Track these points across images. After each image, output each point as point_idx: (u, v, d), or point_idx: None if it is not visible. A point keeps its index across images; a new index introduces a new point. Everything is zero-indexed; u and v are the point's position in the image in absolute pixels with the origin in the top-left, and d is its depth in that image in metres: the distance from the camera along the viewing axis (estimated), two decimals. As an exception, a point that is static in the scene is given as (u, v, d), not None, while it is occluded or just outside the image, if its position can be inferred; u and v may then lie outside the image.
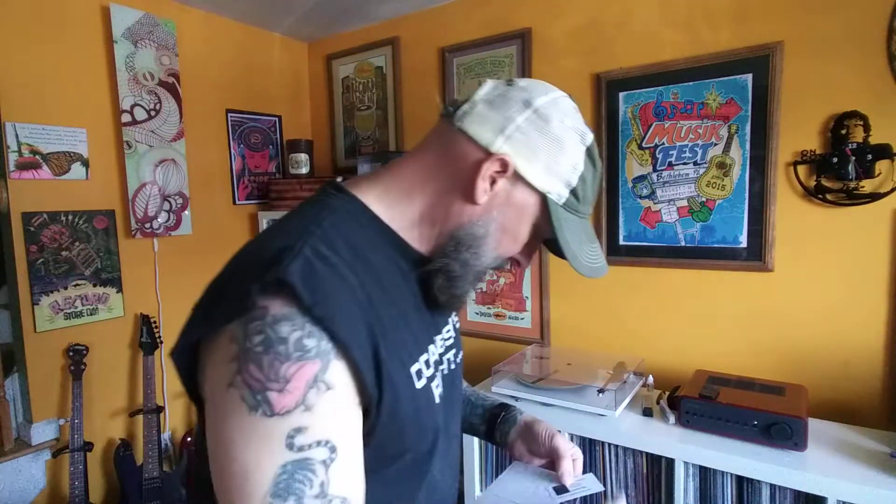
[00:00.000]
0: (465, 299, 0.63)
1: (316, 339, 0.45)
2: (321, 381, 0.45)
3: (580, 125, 0.60)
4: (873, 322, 1.45)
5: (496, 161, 0.56)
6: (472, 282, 0.61)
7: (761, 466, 1.23)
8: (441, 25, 2.15)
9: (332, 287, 0.48)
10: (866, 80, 1.40)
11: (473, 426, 0.88)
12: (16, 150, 1.68)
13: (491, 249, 0.60)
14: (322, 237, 0.51)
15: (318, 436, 0.44)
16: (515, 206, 0.59)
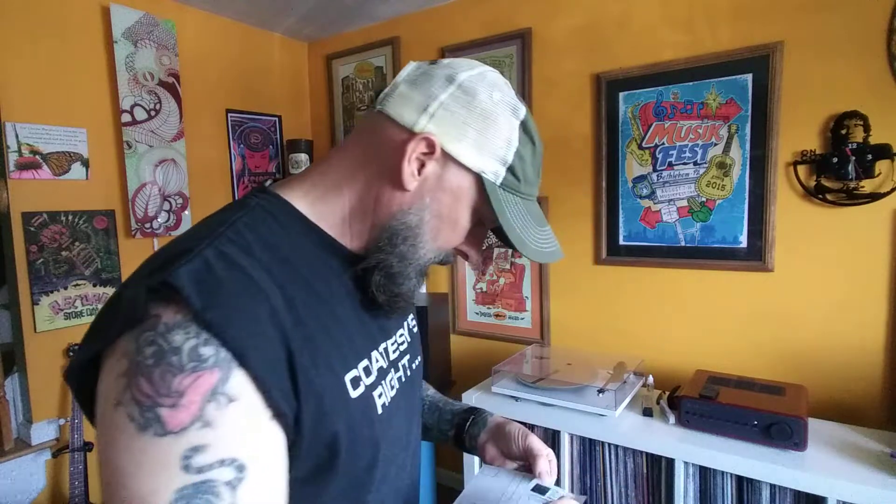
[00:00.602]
0: (409, 298, 0.58)
1: (213, 347, 0.41)
2: (221, 393, 0.40)
3: (511, 98, 0.55)
4: (873, 322, 1.45)
5: (421, 141, 0.52)
6: (414, 277, 0.57)
7: (761, 466, 1.23)
8: (441, 25, 2.15)
9: (233, 290, 0.44)
10: (866, 80, 1.40)
11: (442, 432, 0.83)
12: (16, 150, 1.68)
13: (429, 240, 0.55)
14: (232, 238, 0.48)
15: (221, 454, 0.40)
16: (449, 190, 0.54)
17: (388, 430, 0.56)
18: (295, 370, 0.45)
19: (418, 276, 0.58)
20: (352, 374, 0.52)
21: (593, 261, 1.86)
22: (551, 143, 1.93)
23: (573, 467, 1.53)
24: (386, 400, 0.57)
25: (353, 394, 0.51)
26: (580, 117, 1.86)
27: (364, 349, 0.55)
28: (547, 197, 1.94)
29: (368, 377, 0.54)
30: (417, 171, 0.53)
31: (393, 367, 0.61)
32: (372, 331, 0.58)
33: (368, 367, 0.55)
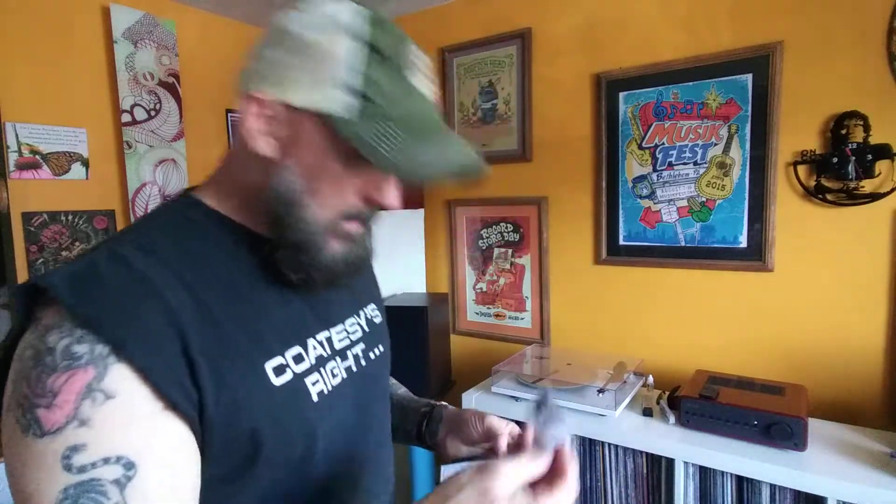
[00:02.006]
0: (334, 268, 0.55)
1: (88, 344, 0.40)
2: (97, 390, 0.40)
3: (344, 19, 0.48)
4: (873, 322, 1.45)
5: (247, 102, 0.50)
6: (328, 244, 0.53)
7: (761, 466, 1.23)
8: (441, 25, 2.15)
9: (115, 287, 0.43)
10: (866, 80, 1.40)
11: (407, 432, 0.81)
12: (16, 150, 1.68)
13: (315, 205, 0.52)
14: (132, 240, 0.48)
15: (104, 452, 0.39)
16: (306, 143, 0.50)
17: (329, 419, 0.55)
18: (195, 362, 0.44)
19: (334, 241, 0.54)
20: (274, 363, 0.51)
21: (593, 261, 1.86)
22: (551, 144, 1.93)
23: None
24: (325, 388, 0.55)
25: (277, 381, 0.51)
26: (580, 117, 1.86)
27: (293, 337, 0.55)
28: (547, 197, 1.95)
29: (299, 364, 0.54)
30: (264, 132, 0.50)
31: (338, 355, 0.60)
32: (306, 319, 0.57)
33: (301, 354, 0.54)
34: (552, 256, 1.96)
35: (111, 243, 0.48)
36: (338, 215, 0.53)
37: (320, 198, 0.52)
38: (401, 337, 1.85)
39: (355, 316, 0.66)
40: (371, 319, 0.70)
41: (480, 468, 0.46)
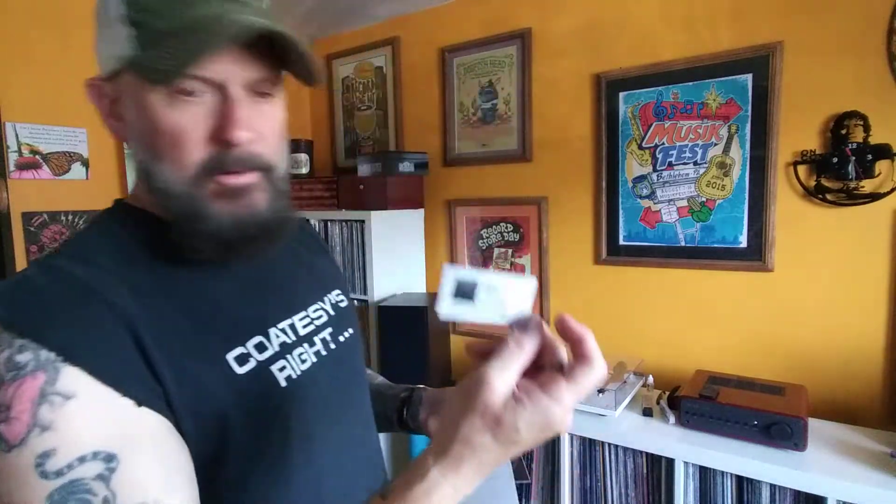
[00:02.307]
0: (224, 239, 0.51)
1: (30, 351, 0.40)
2: (52, 393, 0.39)
3: None
4: (873, 322, 1.45)
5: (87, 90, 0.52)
6: (205, 216, 0.50)
7: (761, 466, 1.23)
8: (441, 25, 2.15)
9: (53, 294, 0.44)
10: (866, 80, 1.40)
11: (387, 418, 0.81)
12: (16, 150, 1.68)
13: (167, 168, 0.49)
14: (66, 252, 0.49)
15: (78, 452, 0.39)
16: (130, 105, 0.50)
17: (301, 404, 0.56)
18: (150, 357, 0.45)
19: (218, 203, 0.50)
20: (235, 352, 0.52)
21: (593, 261, 1.86)
22: (551, 144, 1.93)
23: (573, 467, 1.53)
24: (293, 373, 0.56)
25: (240, 370, 0.51)
26: (580, 117, 1.86)
27: (254, 328, 0.55)
28: (547, 197, 1.94)
29: (263, 353, 0.54)
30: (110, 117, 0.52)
31: (305, 341, 0.60)
32: (265, 310, 0.58)
33: (263, 343, 0.55)
34: (552, 256, 1.96)
35: (43, 259, 0.48)
36: (195, 170, 0.49)
37: (168, 156, 0.49)
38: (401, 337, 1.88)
39: (319, 302, 0.66)
40: (336, 304, 0.70)
41: (462, 390, 0.42)
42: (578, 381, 0.41)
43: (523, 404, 0.40)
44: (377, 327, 1.97)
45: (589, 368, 0.42)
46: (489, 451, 0.41)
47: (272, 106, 0.54)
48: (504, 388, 0.41)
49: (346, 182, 2.11)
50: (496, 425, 0.40)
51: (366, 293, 2.03)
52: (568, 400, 0.41)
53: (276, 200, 0.55)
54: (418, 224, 2.22)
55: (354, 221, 2.03)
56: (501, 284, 0.45)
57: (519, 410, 0.40)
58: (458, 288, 0.45)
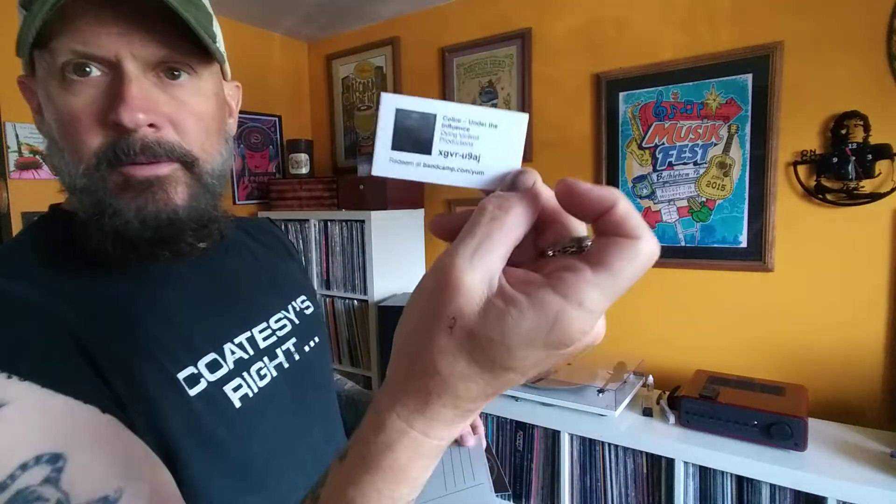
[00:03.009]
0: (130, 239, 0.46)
1: None
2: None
3: None
4: (873, 322, 1.45)
5: (18, 83, 0.52)
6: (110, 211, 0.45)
7: (761, 466, 1.23)
8: (441, 25, 2.15)
9: None
10: (866, 80, 1.40)
11: None
12: (16, 150, 1.68)
13: (66, 155, 0.46)
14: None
15: (18, 460, 0.36)
16: (38, 90, 0.48)
17: (260, 422, 0.52)
18: (98, 364, 0.42)
19: (123, 197, 0.46)
20: (186, 373, 0.48)
21: (593, 261, 1.86)
22: (551, 144, 1.93)
23: (573, 467, 1.53)
24: (249, 391, 0.52)
25: (192, 392, 0.47)
26: (580, 117, 1.86)
27: (207, 345, 0.51)
28: (547, 197, 1.94)
29: (215, 372, 0.50)
30: (34, 112, 0.50)
31: (265, 355, 0.57)
32: (221, 323, 0.54)
33: (217, 360, 0.51)
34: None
35: None
36: (93, 158, 0.45)
37: (66, 146, 0.45)
38: (401, 337, 1.87)
39: (283, 311, 0.63)
40: (301, 311, 0.66)
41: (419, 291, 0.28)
42: (610, 265, 0.24)
43: (516, 306, 0.25)
44: (377, 327, 1.97)
45: (628, 243, 0.25)
46: (468, 379, 0.26)
47: (189, 90, 0.49)
48: (480, 283, 0.26)
49: (346, 182, 2.12)
50: (471, 341, 0.25)
51: (366, 293, 2.03)
52: (593, 297, 0.24)
53: (199, 197, 0.50)
54: (418, 224, 2.22)
55: (354, 221, 2.03)
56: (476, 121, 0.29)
57: (510, 317, 0.25)
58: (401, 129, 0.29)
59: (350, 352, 2.15)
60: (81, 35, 0.43)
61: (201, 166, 0.50)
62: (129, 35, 0.44)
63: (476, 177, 0.30)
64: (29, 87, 0.50)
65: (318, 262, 2.15)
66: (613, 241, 0.25)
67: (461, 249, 0.26)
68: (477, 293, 0.26)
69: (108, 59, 0.44)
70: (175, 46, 0.46)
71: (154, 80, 0.46)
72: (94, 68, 0.44)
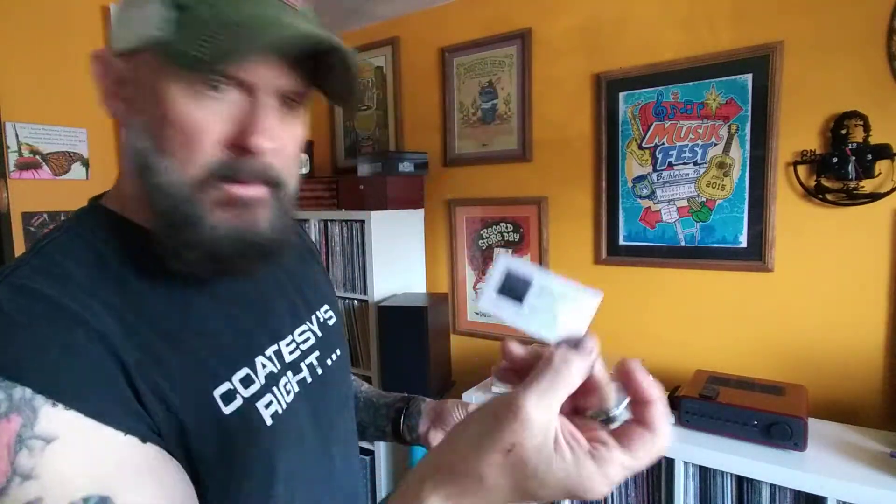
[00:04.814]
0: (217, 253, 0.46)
1: (4, 391, 0.35)
2: (31, 437, 0.35)
3: None
4: (873, 322, 1.45)
5: (92, 62, 0.46)
6: (199, 222, 0.44)
7: (761, 466, 1.23)
8: (441, 25, 2.15)
9: (28, 323, 0.38)
10: (866, 80, 1.40)
11: (379, 428, 0.76)
12: (16, 150, 1.68)
13: (170, 164, 0.44)
14: (37, 267, 0.42)
15: (66, 499, 0.34)
16: (144, 88, 0.44)
17: (286, 439, 0.51)
18: (136, 385, 0.41)
19: (217, 210, 0.45)
20: (223, 389, 0.46)
21: (593, 261, 1.86)
22: (551, 144, 1.93)
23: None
24: (279, 408, 0.50)
25: (227, 410, 0.46)
26: (580, 117, 1.86)
27: (241, 358, 0.50)
28: (547, 197, 1.94)
29: (249, 388, 0.49)
30: (114, 97, 0.47)
31: (290, 369, 0.55)
32: (252, 335, 0.53)
33: (250, 375, 0.49)
34: (552, 256, 1.96)
35: (9, 273, 0.41)
36: (204, 172, 0.44)
37: (176, 152, 0.44)
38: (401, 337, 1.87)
39: (307, 323, 0.61)
40: (325, 322, 0.65)
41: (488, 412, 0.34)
42: (634, 453, 0.33)
43: (564, 458, 0.31)
44: (377, 327, 1.97)
45: (652, 439, 0.33)
46: (500, 492, 0.32)
47: (296, 120, 0.50)
48: (543, 422, 0.32)
49: (346, 182, 2.12)
50: (520, 472, 0.31)
51: (366, 293, 2.03)
52: (615, 472, 0.32)
53: (280, 219, 0.50)
54: (418, 224, 2.22)
55: (354, 221, 2.03)
56: (560, 292, 0.38)
57: (555, 462, 0.31)
58: (507, 282, 0.38)
59: (350, 352, 2.15)
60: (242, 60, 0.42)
61: (286, 190, 0.50)
62: (278, 67, 0.45)
63: (550, 331, 0.38)
64: (111, 65, 0.46)
65: (318, 262, 2.15)
66: (640, 433, 0.34)
67: (533, 388, 0.32)
68: (540, 430, 0.32)
69: (247, 83, 0.44)
70: (305, 80, 0.48)
71: (278, 109, 0.47)
72: (229, 87, 0.44)
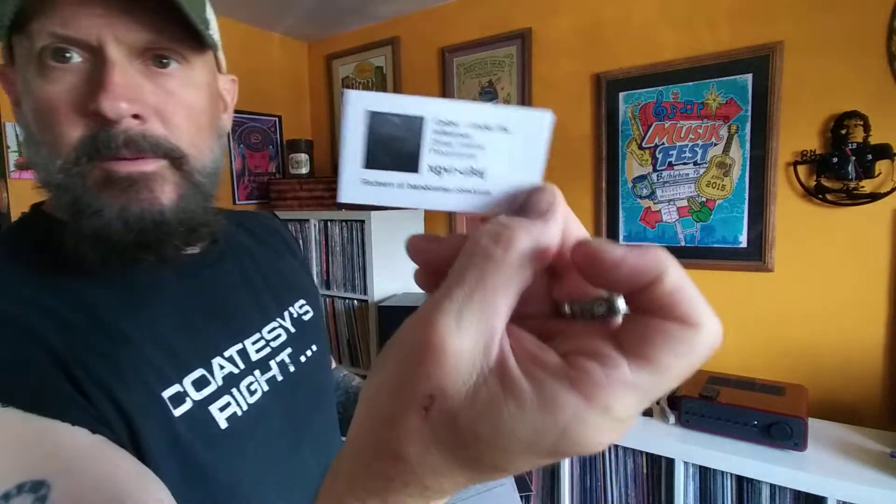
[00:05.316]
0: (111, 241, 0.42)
1: None
2: None
3: None
4: (873, 322, 1.45)
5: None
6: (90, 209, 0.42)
7: (761, 466, 1.23)
8: (441, 25, 2.15)
9: None
10: (866, 80, 1.40)
11: None
12: (16, 150, 1.68)
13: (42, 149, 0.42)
14: None
15: (2, 488, 0.33)
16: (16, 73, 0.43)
17: (247, 442, 0.49)
18: (81, 385, 0.39)
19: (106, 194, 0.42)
20: (171, 391, 0.44)
21: (593, 261, 1.86)
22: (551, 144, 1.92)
23: (573, 467, 1.53)
24: (238, 410, 0.48)
25: (176, 412, 0.44)
26: (580, 117, 1.86)
27: (195, 360, 0.47)
28: (547, 197, 1.94)
29: (202, 390, 0.46)
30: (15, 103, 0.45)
31: (258, 368, 0.53)
32: (210, 337, 0.50)
33: (205, 377, 0.47)
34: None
35: None
36: (71, 152, 0.41)
37: (43, 138, 0.41)
38: (401, 337, 1.87)
39: (278, 319, 0.59)
40: (299, 317, 0.62)
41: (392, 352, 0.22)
42: (656, 361, 0.18)
43: (516, 398, 0.18)
44: (377, 327, 1.97)
45: (682, 331, 0.18)
46: (441, 474, 0.20)
47: (179, 79, 0.45)
48: (471, 350, 0.19)
49: (346, 182, 2.11)
50: (451, 432, 0.19)
51: (366, 293, 2.03)
52: (626, 402, 0.18)
53: (188, 197, 0.46)
54: (418, 224, 2.22)
55: (354, 221, 2.03)
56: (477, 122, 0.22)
57: (505, 411, 0.18)
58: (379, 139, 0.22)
59: (350, 352, 2.15)
60: (61, 16, 0.39)
61: (191, 163, 0.46)
62: (114, 17, 0.40)
63: (480, 198, 0.22)
64: (8, 76, 0.45)
65: (318, 262, 2.15)
66: (661, 327, 0.18)
67: (445, 303, 0.20)
68: (465, 365, 0.19)
69: (89, 44, 0.40)
70: (164, 31, 0.42)
71: (140, 68, 0.43)
72: (74, 54, 0.40)
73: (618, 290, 0.19)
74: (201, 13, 0.45)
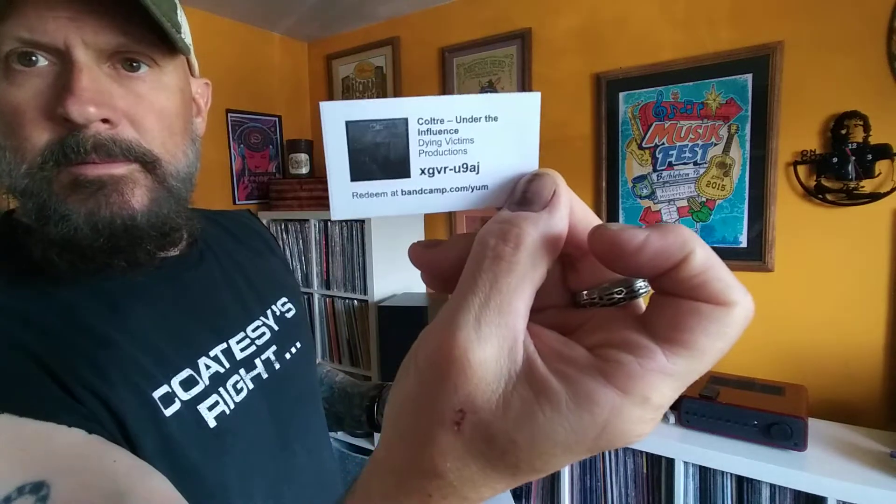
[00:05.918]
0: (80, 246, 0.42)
1: None
2: None
3: None
4: (873, 322, 1.45)
5: None
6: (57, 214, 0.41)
7: (761, 466, 1.23)
8: (441, 25, 2.15)
9: None
10: (866, 80, 1.40)
11: (354, 418, 0.74)
12: None
13: (8, 155, 0.41)
14: None
15: (2, 491, 0.33)
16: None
17: (236, 440, 0.49)
18: (69, 388, 0.39)
19: (73, 199, 0.41)
20: (161, 392, 0.44)
21: (593, 261, 1.86)
22: (551, 144, 1.93)
23: (573, 467, 1.53)
24: (226, 408, 0.49)
25: (167, 412, 0.44)
26: (580, 117, 1.86)
27: (181, 361, 0.47)
28: (547, 197, 1.94)
29: (190, 390, 0.46)
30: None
31: (243, 366, 0.53)
32: (195, 337, 0.50)
33: (193, 377, 0.47)
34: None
35: None
36: (37, 156, 0.40)
37: (9, 144, 0.41)
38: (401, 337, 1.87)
39: (261, 318, 0.59)
40: (282, 315, 0.63)
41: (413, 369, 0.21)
42: (691, 344, 0.18)
43: (550, 401, 0.18)
44: (377, 327, 1.97)
45: (715, 312, 0.18)
46: (481, 484, 0.20)
47: (149, 83, 0.45)
48: (496, 359, 0.19)
49: (346, 182, 2.11)
50: (487, 444, 0.19)
51: (366, 293, 2.03)
52: (663, 390, 0.18)
53: (161, 202, 0.46)
54: (418, 224, 2.22)
55: (354, 221, 2.03)
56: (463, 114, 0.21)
57: (541, 416, 0.18)
58: (363, 149, 0.20)
59: (350, 352, 2.15)
60: (27, 20, 0.38)
61: (164, 167, 0.46)
62: (81, 20, 0.40)
63: (478, 194, 0.21)
64: None
65: (318, 262, 2.15)
66: (692, 309, 0.17)
67: (461, 313, 0.19)
68: (491, 374, 0.18)
69: (55, 47, 0.39)
70: (133, 35, 0.42)
71: (109, 72, 0.42)
72: (41, 57, 0.40)
73: (642, 275, 0.19)
74: (172, 16, 0.45)
